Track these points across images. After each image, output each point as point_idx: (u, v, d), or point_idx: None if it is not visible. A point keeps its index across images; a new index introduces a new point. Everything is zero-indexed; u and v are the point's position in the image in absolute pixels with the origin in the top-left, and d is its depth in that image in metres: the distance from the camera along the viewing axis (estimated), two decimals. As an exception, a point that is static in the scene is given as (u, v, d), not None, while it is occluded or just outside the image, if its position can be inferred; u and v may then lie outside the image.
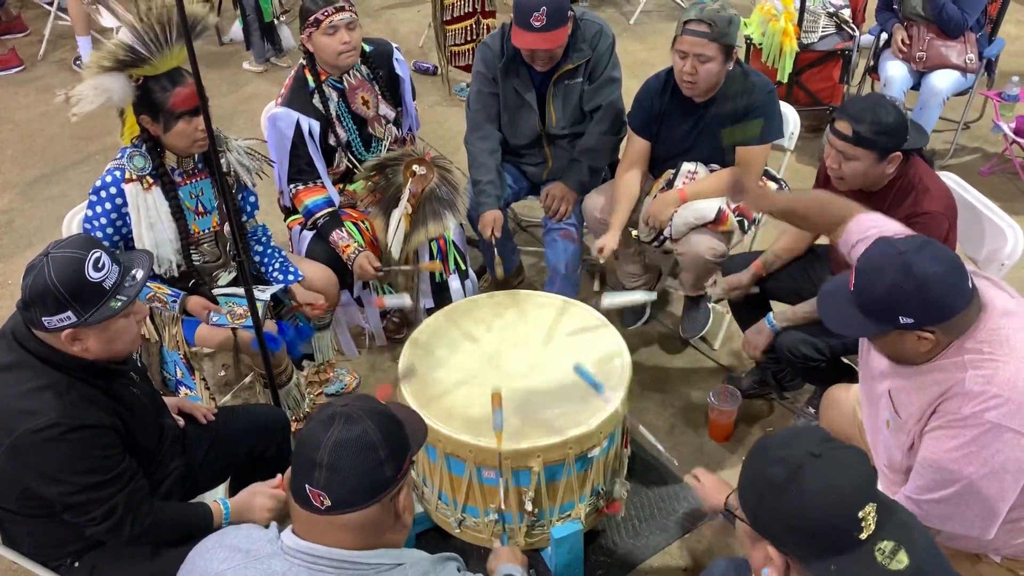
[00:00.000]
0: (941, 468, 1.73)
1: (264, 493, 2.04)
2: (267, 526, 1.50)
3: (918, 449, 1.80)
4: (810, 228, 2.44)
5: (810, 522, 1.33)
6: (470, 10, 4.60)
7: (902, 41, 4.05)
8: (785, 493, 1.33)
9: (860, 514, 1.32)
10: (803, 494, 1.32)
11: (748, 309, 2.87)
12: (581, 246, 3.21)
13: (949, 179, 2.63)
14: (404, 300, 2.87)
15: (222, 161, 2.52)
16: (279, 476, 2.09)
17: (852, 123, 2.28)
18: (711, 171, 2.92)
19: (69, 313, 1.70)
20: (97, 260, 1.72)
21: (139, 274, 1.80)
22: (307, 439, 1.39)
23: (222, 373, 3.23)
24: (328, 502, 1.36)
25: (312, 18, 2.76)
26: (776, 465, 1.36)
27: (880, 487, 2.00)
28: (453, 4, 4.57)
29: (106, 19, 5.06)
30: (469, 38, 4.67)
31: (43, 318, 1.70)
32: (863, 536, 1.33)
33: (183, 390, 2.58)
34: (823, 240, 2.78)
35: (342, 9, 2.76)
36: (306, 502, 1.38)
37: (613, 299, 2.74)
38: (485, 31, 4.61)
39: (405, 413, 1.53)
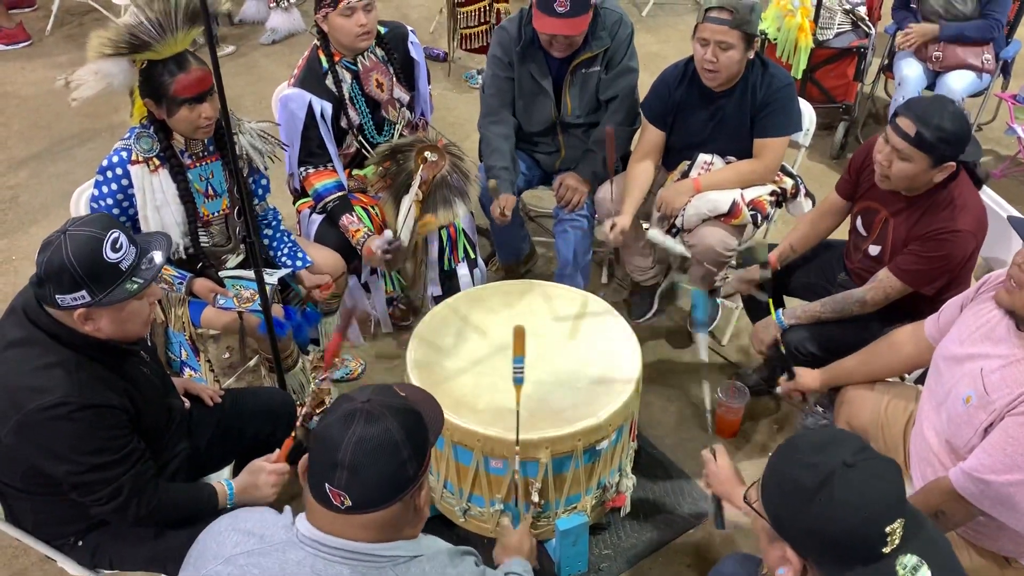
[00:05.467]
0: (1016, 454, 1.73)
1: (267, 469, 2.02)
2: (281, 510, 1.47)
3: (995, 429, 1.79)
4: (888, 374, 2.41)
5: (835, 532, 1.31)
6: (484, -8, 4.58)
7: (908, 34, 4.03)
8: (813, 500, 1.31)
9: (887, 529, 1.30)
10: (832, 503, 1.30)
11: (760, 304, 2.85)
12: (592, 237, 3.19)
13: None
14: (386, 235, 2.81)
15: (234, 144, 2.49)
16: (277, 450, 2.07)
17: (917, 123, 2.17)
18: (727, 163, 2.90)
19: (84, 292, 1.68)
20: (115, 241, 1.70)
21: (157, 257, 1.78)
22: (327, 436, 1.34)
23: (226, 355, 3.21)
24: (349, 502, 1.33)
25: (329, -2, 2.73)
26: (807, 470, 1.34)
27: (923, 463, 2.02)
28: (467, -14, 4.55)
29: None
30: (481, 21, 4.65)
31: (57, 296, 1.68)
32: (887, 551, 1.31)
33: (188, 371, 2.56)
34: (838, 235, 2.76)
35: None
36: (325, 500, 1.34)
37: (658, 236, 2.78)
38: (497, 16, 4.58)
39: (421, 397, 1.50)
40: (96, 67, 2.26)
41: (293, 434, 2.11)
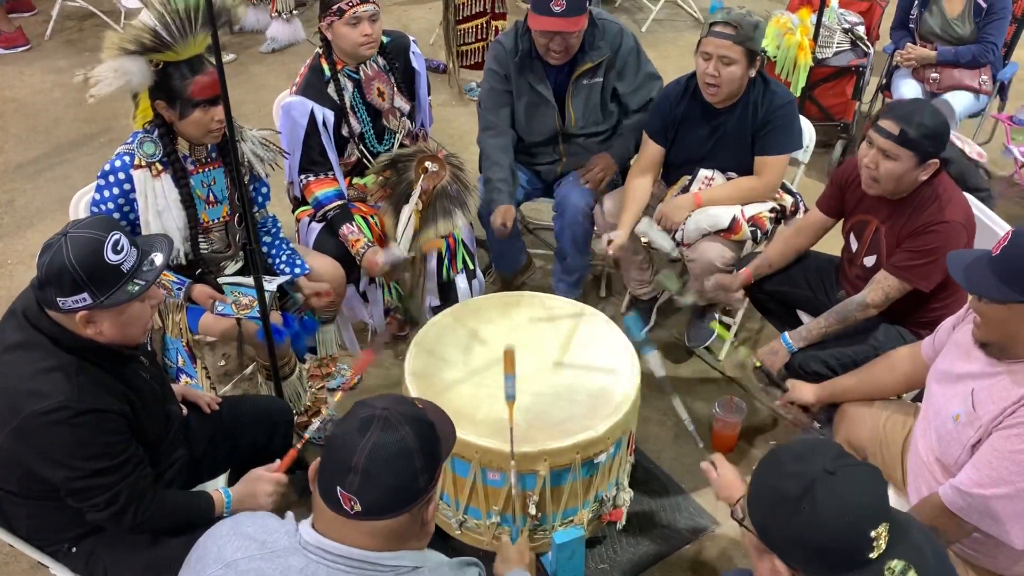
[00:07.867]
0: (1001, 467, 1.74)
1: (265, 479, 2.02)
2: (283, 516, 1.47)
3: (983, 444, 1.80)
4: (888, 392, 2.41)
5: (821, 539, 1.32)
6: (481, 9, 4.60)
7: (905, 54, 4.06)
8: (797, 509, 1.32)
9: (872, 533, 1.31)
10: (815, 511, 1.31)
11: (777, 313, 2.87)
12: (592, 231, 3.18)
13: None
14: (393, 252, 2.78)
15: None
16: (277, 460, 2.07)
17: (900, 123, 2.27)
18: (728, 179, 2.91)
19: (85, 295, 1.67)
20: (116, 243, 1.69)
21: (158, 259, 1.77)
22: (342, 440, 1.35)
23: (222, 363, 3.20)
24: (359, 507, 1.33)
25: (335, 7, 2.73)
26: (789, 480, 1.35)
27: (918, 479, 2.02)
28: (464, 3, 4.56)
29: (129, 0, 5.02)
30: (479, 37, 4.67)
31: (58, 298, 1.67)
32: (874, 556, 1.32)
33: (184, 378, 2.54)
34: (828, 250, 2.76)
35: (366, 0, 2.74)
36: (335, 504, 1.35)
37: (649, 229, 2.80)
38: (494, 32, 4.61)
39: (435, 415, 1.49)
40: (116, 64, 2.26)
41: (299, 445, 2.10)
